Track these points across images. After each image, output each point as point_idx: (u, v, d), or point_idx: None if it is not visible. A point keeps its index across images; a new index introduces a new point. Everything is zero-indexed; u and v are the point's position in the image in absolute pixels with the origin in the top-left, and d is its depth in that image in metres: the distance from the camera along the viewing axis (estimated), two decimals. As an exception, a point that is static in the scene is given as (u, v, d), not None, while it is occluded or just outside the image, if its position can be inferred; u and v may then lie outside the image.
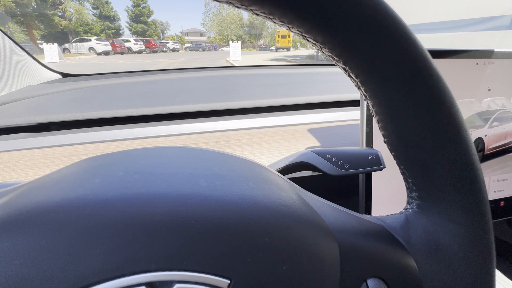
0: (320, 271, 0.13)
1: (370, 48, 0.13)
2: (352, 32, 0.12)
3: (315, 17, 0.12)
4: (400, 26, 0.12)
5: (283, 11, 0.12)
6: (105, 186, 0.12)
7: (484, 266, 0.15)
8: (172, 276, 0.10)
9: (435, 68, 0.13)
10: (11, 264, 0.09)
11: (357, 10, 0.12)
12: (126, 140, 0.44)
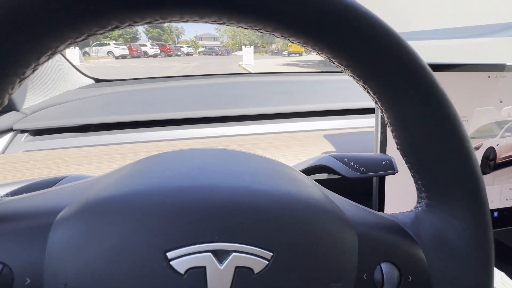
0: (341, 253, 0.16)
1: (387, 73, 0.16)
2: (372, 60, 0.15)
3: (347, 49, 0.15)
4: (411, 55, 0.16)
5: (323, 46, 0.15)
6: (175, 178, 0.16)
7: (484, 258, 0.18)
8: (230, 246, 0.14)
9: (441, 89, 0.16)
10: (116, 232, 0.13)
11: (377, 44, 0.15)
12: (157, 142, 0.49)
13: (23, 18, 0.11)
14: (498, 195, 0.43)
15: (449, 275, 0.17)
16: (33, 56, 0.13)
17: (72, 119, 0.53)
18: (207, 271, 0.13)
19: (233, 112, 0.56)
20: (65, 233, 0.13)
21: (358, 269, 0.16)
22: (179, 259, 0.13)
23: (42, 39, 0.12)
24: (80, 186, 0.17)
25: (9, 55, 0.12)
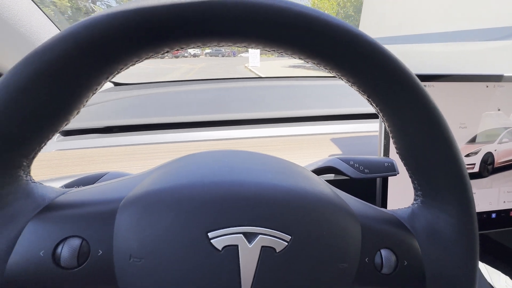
0: (346, 239, 0.19)
1: (387, 91, 0.19)
2: (374, 80, 0.19)
3: (353, 71, 0.18)
4: (408, 76, 0.19)
5: (333, 67, 0.18)
6: (212, 174, 0.19)
7: (470, 246, 0.21)
8: (257, 230, 0.17)
9: (433, 103, 0.19)
10: (168, 217, 0.17)
11: (378, 67, 0.18)
12: (174, 143, 0.53)
13: (103, 50, 0.15)
14: (496, 198, 0.46)
15: (439, 260, 0.20)
16: (104, 76, 0.16)
17: (97, 121, 0.58)
18: (239, 248, 0.16)
19: (246, 116, 0.60)
20: (128, 216, 0.17)
21: (361, 254, 0.19)
22: (218, 238, 0.16)
23: (113, 63, 0.16)
24: (131, 181, 0.20)
25: (91, 76, 0.16)
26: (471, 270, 0.20)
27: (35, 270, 0.15)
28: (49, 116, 0.15)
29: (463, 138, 0.43)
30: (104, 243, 0.16)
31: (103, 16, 0.14)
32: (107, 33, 0.14)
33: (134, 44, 0.15)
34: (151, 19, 0.15)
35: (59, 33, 0.15)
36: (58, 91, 0.15)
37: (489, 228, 0.46)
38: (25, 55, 0.14)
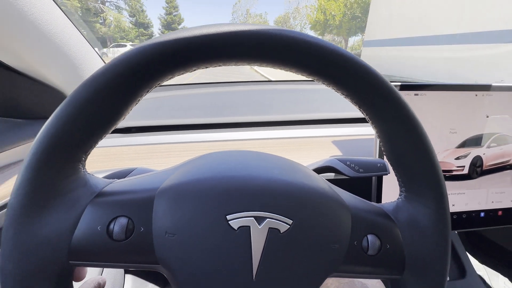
0: (338, 225, 0.23)
1: (374, 104, 0.23)
2: (363, 94, 0.23)
3: (345, 87, 0.22)
4: (391, 91, 0.22)
5: (329, 83, 0.22)
6: (230, 170, 0.24)
7: (443, 231, 0.24)
8: (265, 215, 0.22)
9: (413, 114, 0.23)
10: (195, 203, 0.21)
11: (366, 85, 0.22)
12: (187, 143, 0.58)
13: (148, 71, 0.19)
14: (484, 198, 0.49)
15: (416, 244, 0.24)
16: (146, 90, 0.21)
17: None
18: (251, 229, 0.21)
19: (253, 119, 0.64)
20: (163, 202, 0.21)
21: (351, 238, 0.23)
22: (234, 220, 0.21)
23: (155, 80, 0.20)
24: (162, 174, 0.25)
25: (137, 90, 0.20)
26: (444, 251, 0.24)
27: (93, 242, 0.20)
28: (105, 121, 0.20)
29: (453, 143, 0.47)
30: (145, 222, 0.21)
31: (149, 45, 0.19)
32: (152, 58, 0.19)
33: (171, 66, 0.20)
34: (184, 48, 0.19)
35: (115, 58, 0.19)
36: (113, 103, 0.19)
37: (478, 226, 0.50)
38: (88, 76, 0.19)
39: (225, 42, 0.19)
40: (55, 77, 0.52)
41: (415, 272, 0.24)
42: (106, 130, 0.21)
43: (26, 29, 0.43)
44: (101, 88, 0.19)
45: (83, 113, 0.19)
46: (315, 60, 0.20)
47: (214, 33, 0.18)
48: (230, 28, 0.19)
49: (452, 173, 0.47)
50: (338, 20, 21.10)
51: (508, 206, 0.50)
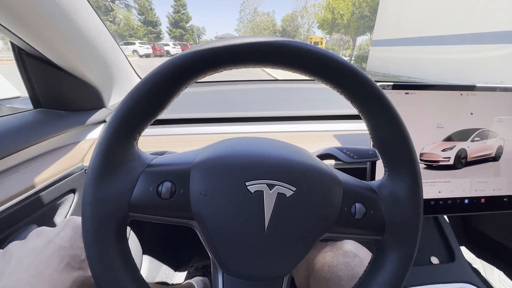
0: (332, 195, 0.30)
1: (363, 100, 0.28)
2: (354, 93, 0.28)
3: (340, 86, 0.28)
4: (377, 90, 0.28)
5: (327, 83, 0.27)
6: (247, 149, 0.31)
7: (416, 202, 0.30)
8: (275, 183, 0.28)
9: (393, 108, 0.28)
10: (221, 173, 0.28)
11: (357, 85, 0.27)
12: (206, 135, 0.65)
13: (189, 72, 0.25)
14: (468, 186, 0.55)
15: (395, 211, 0.30)
16: (184, 86, 0.27)
17: None
18: (264, 193, 0.27)
19: (264, 114, 0.71)
20: (198, 172, 0.28)
21: (342, 204, 0.30)
22: (251, 186, 0.28)
23: (192, 79, 0.26)
24: (195, 152, 0.32)
25: (180, 86, 0.27)
26: (417, 218, 0.30)
27: (146, 199, 0.27)
28: (155, 109, 0.27)
29: (440, 136, 0.53)
30: (184, 186, 0.28)
31: (192, 52, 0.25)
32: (192, 62, 0.25)
33: (205, 68, 0.26)
34: (216, 55, 0.25)
35: (166, 61, 0.25)
36: (162, 95, 0.26)
37: (462, 211, 0.56)
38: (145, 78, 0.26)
39: (246, 51, 0.25)
40: (91, 74, 0.60)
41: (393, 234, 0.30)
42: (155, 116, 0.27)
43: (72, 34, 0.51)
44: (155, 84, 0.25)
45: (141, 103, 0.25)
46: (316, 64, 0.26)
47: (240, 44, 0.25)
48: (251, 39, 0.25)
49: (438, 163, 0.53)
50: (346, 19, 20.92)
51: (490, 195, 0.56)
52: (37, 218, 0.46)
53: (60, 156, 0.55)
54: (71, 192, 0.55)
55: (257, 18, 56.23)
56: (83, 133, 0.63)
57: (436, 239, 0.74)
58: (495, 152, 0.55)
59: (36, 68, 0.53)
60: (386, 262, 0.30)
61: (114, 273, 0.25)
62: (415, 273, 0.66)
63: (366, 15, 20.21)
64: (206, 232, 0.27)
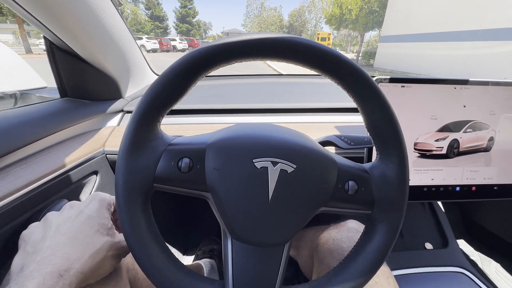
0: (328, 173, 0.34)
1: (357, 90, 0.32)
2: (349, 83, 0.32)
3: (337, 77, 0.32)
4: (370, 82, 0.31)
5: (325, 74, 0.32)
6: (254, 132, 0.35)
7: (402, 181, 0.34)
8: (278, 160, 0.33)
9: (385, 98, 0.32)
10: (232, 152, 0.32)
11: (353, 77, 0.31)
12: (217, 124, 0.70)
13: (205, 64, 0.30)
14: (460, 175, 0.59)
15: (383, 188, 0.33)
16: (200, 77, 0.32)
17: None
18: (268, 169, 0.32)
19: (270, 106, 0.76)
20: (212, 150, 0.33)
21: (336, 181, 0.33)
22: (257, 162, 0.32)
23: (206, 71, 0.31)
24: (209, 134, 0.36)
25: (197, 76, 0.31)
26: (403, 195, 0.33)
27: (169, 172, 0.32)
28: (176, 95, 0.31)
29: (433, 127, 0.56)
30: (200, 161, 0.32)
31: (207, 47, 0.29)
32: (208, 55, 0.29)
33: (220, 60, 0.30)
34: (229, 49, 0.29)
35: (186, 54, 0.30)
36: (183, 83, 0.30)
37: (454, 198, 0.60)
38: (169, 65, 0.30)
39: (254, 45, 0.29)
40: (111, 67, 0.65)
41: (381, 209, 0.34)
42: (176, 101, 0.31)
43: (97, 30, 0.56)
44: (177, 74, 0.30)
45: (165, 90, 0.30)
46: (316, 58, 0.29)
47: (249, 39, 0.29)
48: (259, 36, 0.29)
49: (432, 153, 0.57)
50: (355, 14, 20.57)
51: (481, 183, 0.59)
52: (66, 194, 0.52)
53: (84, 141, 0.60)
54: (94, 173, 0.61)
55: (264, 13, 55.68)
56: (104, 121, 0.68)
57: (431, 227, 0.78)
58: (486, 143, 0.58)
59: (64, 61, 0.59)
60: (375, 233, 0.34)
61: (140, 233, 0.30)
62: (410, 257, 0.70)
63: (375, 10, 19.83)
64: (218, 203, 0.31)
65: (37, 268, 0.26)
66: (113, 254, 0.33)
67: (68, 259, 0.28)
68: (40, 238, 0.30)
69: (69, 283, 0.27)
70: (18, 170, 0.45)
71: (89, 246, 0.30)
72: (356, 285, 0.32)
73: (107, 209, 0.35)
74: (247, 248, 0.32)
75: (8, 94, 0.67)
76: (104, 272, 0.32)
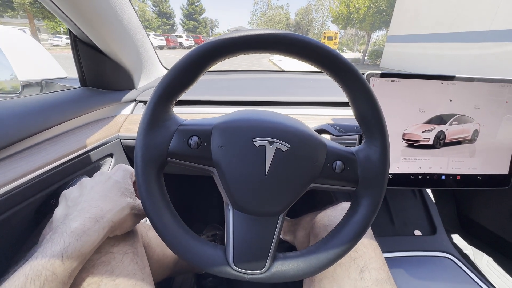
0: (318, 154, 0.39)
1: (346, 82, 0.37)
2: (340, 77, 0.36)
3: (328, 70, 0.37)
4: (358, 76, 0.36)
5: (318, 66, 0.37)
6: (254, 116, 0.41)
7: (384, 162, 0.38)
8: (274, 140, 0.38)
9: (370, 89, 0.37)
10: (234, 132, 0.37)
11: (342, 71, 0.36)
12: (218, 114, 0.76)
13: (214, 55, 0.35)
14: (446, 164, 0.63)
15: (367, 168, 0.37)
16: (208, 67, 0.37)
17: None
18: (265, 147, 0.37)
19: (272, 99, 0.81)
20: (217, 130, 0.37)
21: (325, 161, 0.38)
22: (256, 141, 0.37)
23: (215, 61, 0.35)
24: (215, 118, 0.42)
25: (206, 66, 0.36)
26: (383, 173, 0.37)
27: (180, 148, 0.37)
28: (187, 81, 0.36)
29: (421, 119, 0.61)
30: (207, 140, 0.36)
31: (215, 41, 0.34)
32: (218, 47, 0.34)
33: (227, 52, 0.35)
34: (235, 43, 0.34)
35: (198, 46, 0.35)
36: (193, 72, 0.35)
37: (439, 186, 0.64)
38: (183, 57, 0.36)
39: (259, 40, 0.34)
40: (126, 60, 0.71)
41: (364, 186, 0.38)
42: (187, 87, 0.36)
43: (116, 24, 0.62)
44: (189, 63, 0.34)
45: (178, 76, 0.34)
46: (311, 53, 0.33)
47: (252, 34, 0.34)
48: (266, 31, 0.33)
49: (419, 143, 0.62)
50: (362, 14, 20.37)
51: (465, 173, 0.64)
52: (86, 172, 0.59)
53: (101, 126, 0.67)
54: (109, 156, 0.67)
55: (271, 11, 55.42)
56: (118, 109, 0.75)
57: (421, 216, 0.83)
58: (471, 135, 0.62)
59: (86, 53, 0.65)
60: (359, 207, 0.38)
61: (154, 198, 0.35)
62: (399, 242, 0.75)
63: (383, 9, 19.63)
64: (222, 176, 0.36)
65: (78, 215, 0.33)
66: (134, 213, 0.39)
67: (102, 210, 0.34)
68: (78, 195, 0.37)
69: (103, 227, 0.33)
70: (48, 147, 0.51)
71: (117, 203, 0.36)
72: (341, 251, 0.37)
73: (130, 178, 0.41)
74: (246, 217, 0.36)
75: (34, 83, 0.73)
76: (127, 227, 0.39)
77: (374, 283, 0.41)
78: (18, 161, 0.45)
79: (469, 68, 8.09)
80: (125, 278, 0.36)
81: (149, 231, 0.53)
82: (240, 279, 0.36)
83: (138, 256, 0.41)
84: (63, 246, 0.29)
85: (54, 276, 0.28)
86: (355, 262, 0.43)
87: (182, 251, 0.35)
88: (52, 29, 19.71)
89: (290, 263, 0.37)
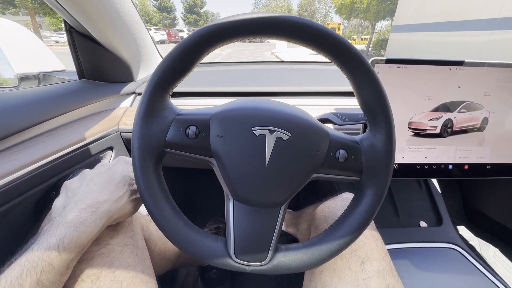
0: (320, 141, 0.37)
1: (351, 70, 0.35)
2: (346, 64, 0.35)
3: (334, 56, 0.35)
4: (363, 63, 0.33)
5: (321, 52, 0.35)
6: (255, 104, 0.39)
7: (389, 151, 0.37)
8: (275, 129, 0.36)
9: (376, 76, 0.35)
10: (234, 121, 0.36)
11: (348, 59, 0.34)
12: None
13: (210, 41, 0.33)
14: (453, 153, 0.61)
15: (371, 157, 0.36)
16: (205, 55, 0.35)
17: None
18: (266, 136, 0.35)
19: (274, 89, 0.79)
20: (216, 120, 0.36)
21: (328, 150, 0.36)
22: (256, 130, 0.35)
23: (212, 48, 0.34)
24: (214, 108, 0.41)
25: (203, 53, 0.34)
26: (388, 163, 0.36)
27: (178, 138, 0.35)
28: (182, 71, 0.34)
29: (428, 107, 0.59)
30: (205, 129, 0.35)
31: (213, 25, 0.32)
32: (214, 32, 0.32)
33: (222, 38, 0.33)
34: (231, 28, 0.32)
35: (193, 32, 0.34)
36: (189, 60, 0.34)
37: (446, 176, 0.62)
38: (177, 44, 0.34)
39: (258, 24, 0.32)
40: (125, 52, 0.70)
41: (369, 176, 0.36)
42: (183, 75, 0.35)
43: (113, 15, 0.60)
44: (184, 50, 0.33)
45: (174, 64, 0.33)
46: (312, 37, 0.32)
47: (252, 18, 0.32)
48: (264, 14, 0.32)
49: (426, 132, 0.60)
50: (366, 3, 19.90)
51: (474, 162, 0.62)
52: (86, 165, 0.58)
53: (100, 119, 0.66)
54: (109, 149, 0.66)
55: (272, 3, 54.53)
56: (117, 102, 0.74)
57: (427, 207, 0.81)
58: (480, 123, 0.60)
59: (82, 44, 0.64)
60: (363, 197, 0.37)
61: (152, 190, 0.34)
62: (404, 233, 0.74)
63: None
64: (221, 167, 0.35)
65: (74, 206, 0.33)
66: (133, 199, 0.39)
67: (98, 201, 0.34)
68: (77, 186, 0.37)
69: (100, 217, 0.33)
70: (46, 140, 0.51)
71: (114, 193, 0.36)
72: (344, 243, 0.36)
73: (130, 169, 0.41)
74: (247, 209, 0.35)
75: (32, 76, 0.73)
76: (126, 213, 0.39)
77: (376, 274, 0.40)
78: (16, 154, 0.45)
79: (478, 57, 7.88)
80: (125, 270, 0.36)
81: (150, 224, 0.52)
82: (242, 271, 0.35)
83: (138, 249, 0.40)
84: (60, 237, 0.29)
85: (51, 267, 0.27)
86: (356, 253, 0.43)
87: (182, 243, 0.34)
88: (54, 25, 19.70)
89: (292, 255, 0.36)
